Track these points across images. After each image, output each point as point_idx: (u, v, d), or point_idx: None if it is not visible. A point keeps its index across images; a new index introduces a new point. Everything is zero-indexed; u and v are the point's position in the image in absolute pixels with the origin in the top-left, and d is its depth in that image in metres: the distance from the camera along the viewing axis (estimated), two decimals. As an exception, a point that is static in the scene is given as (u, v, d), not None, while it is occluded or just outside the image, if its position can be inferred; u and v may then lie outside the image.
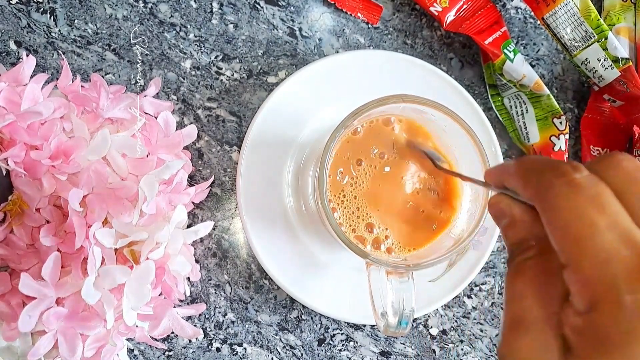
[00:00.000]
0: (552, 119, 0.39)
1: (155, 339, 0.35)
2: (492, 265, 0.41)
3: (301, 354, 0.39)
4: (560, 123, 0.39)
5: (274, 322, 0.39)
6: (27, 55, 0.34)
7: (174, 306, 0.34)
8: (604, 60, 0.37)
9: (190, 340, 0.38)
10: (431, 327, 0.40)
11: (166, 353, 0.38)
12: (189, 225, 0.38)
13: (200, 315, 0.38)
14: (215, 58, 0.39)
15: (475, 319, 0.40)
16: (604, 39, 0.37)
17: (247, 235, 0.36)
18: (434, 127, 0.32)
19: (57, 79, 0.34)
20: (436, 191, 0.32)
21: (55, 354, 0.30)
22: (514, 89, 0.40)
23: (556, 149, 0.39)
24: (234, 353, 0.38)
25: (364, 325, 0.39)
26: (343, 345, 0.39)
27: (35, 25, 0.38)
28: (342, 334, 0.39)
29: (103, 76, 0.38)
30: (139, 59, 0.39)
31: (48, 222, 0.32)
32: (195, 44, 0.39)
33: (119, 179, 0.32)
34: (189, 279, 0.37)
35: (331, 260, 0.37)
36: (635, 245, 0.15)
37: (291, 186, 0.38)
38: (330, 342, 0.39)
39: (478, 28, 0.40)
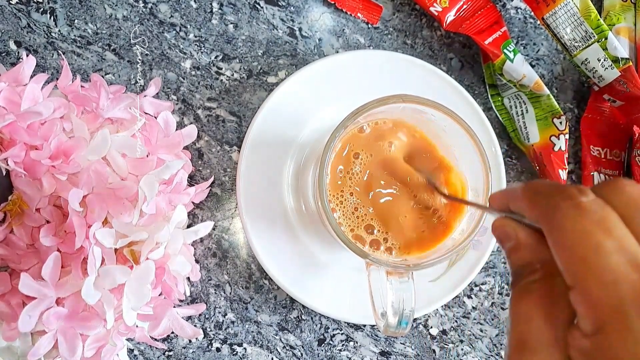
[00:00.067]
0: (552, 119, 0.39)
1: (155, 339, 0.35)
2: (492, 265, 0.41)
3: (301, 354, 0.39)
4: (560, 123, 0.39)
5: (274, 322, 0.39)
6: (27, 55, 0.34)
7: (174, 306, 0.34)
8: (604, 60, 0.37)
9: (190, 340, 0.38)
10: (431, 327, 0.40)
11: (166, 353, 0.38)
12: (189, 225, 0.38)
13: (200, 315, 0.38)
14: (215, 58, 0.39)
15: (475, 319, 0.40)
16: (604, 39, 0.37)
17: (247, 235, 0.36)
18: (434, 127, 0.32)
19: (57, 79, 0.34)
20: (432, 209, 0.32)
21: (55, 354, 0.30)
22: (514, 89, 0.40)
23: (556, 149, 0.39)
24: (234, 353, 0.38)
25: (364, 325, 0.39)
26: (343, 345, 0.39)
27: (35, 25, 0.38)
28: (342, 334, 0.39)
29: (103, 76, 0.38)
30: (139, 59, 0.39)
31: (48, 222, 0.32)
32: (195, 44, 0.39)
33: (119, 179, 0.32)
34: (189, 279, 0.37)
35: (331, 260, 0.37)
36: None
37: (291, 186, 0.38)
38: (330, 342, 0.39)
39: (478, 28, 0.40)
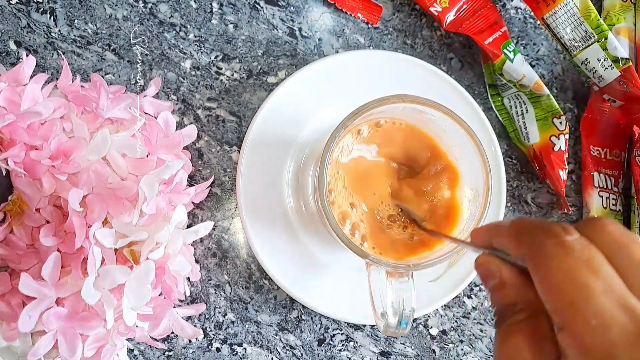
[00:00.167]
0: (552, 119, 0.39)
1: (155, 339, 0.35)
2: (492, 265, 0.41)
3: (301, 354, 0.39)
4: (560, 123, 0.39)
5: (274, 322, 0.39)
6: (27, 55, 0.34)
7: (174, 306, 0.34)
8: (604, 60, 0.37)
9: (190, 341, 0.38)
10: (431, 327, 0.40)
11: (166, 353, 0.38)
12: (189, 225, 0.38)
13: (200, 315, 0.38)
14: (215, 58, 0.39)
15: (475, 319, 0.40)
16: (604, 39, 0.37)
17: (247, 235, 0.36)
18: (434, 127, 0.32)
19: (57, 79, 0.34)
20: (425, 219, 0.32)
21: (55, 354, 0.30)
22: (514, 89, 0.40)
23: (556, 149, 0.39)
24: (234, 353, 0.38)
25: (364, 325, 0.39)
26: (343, 345, 0.39)
27: (35, 25, 0.38)
28: (342, 334, 0.39)
29: (103, 76, 0.38)
30: (139, 59, 0.39)
31: (48, 222, 0.32)
32: (195, 44, 0.39)
33: (119, 179, 0.32)
34: (189, 279, 0.37)
35: (331, 260, 0.37)
36: (632, 311, 0.15)
37: (291, 186, 0.38)
38: (330, 342, 0.39)
39: (478, 28, 0.40)
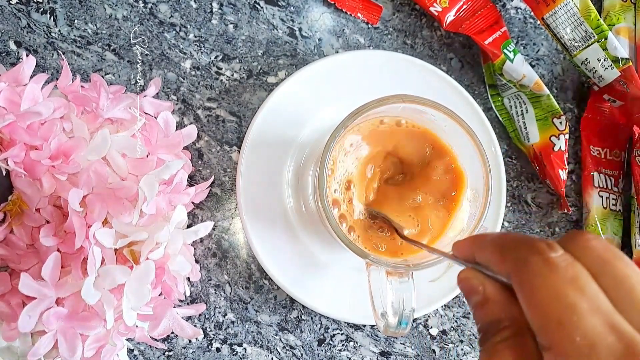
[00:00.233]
0: (552, 119, 0.39)
1: (155, 339, 0.35)
2: (492, 265, 0.41)
3: (301, 354, 0.39)
4: (560, 123, 0.39)
5: (274, 322, 0.39)
6: (27, 55, 0.34)
7: (174, 306, 0.34)
8: (604, 60, 0.37)
9: (190, 341, 0.38)
10: (431, 327, 0.40)
11: (166, 353, 0.38)
12: (189, 225, 0.38)
13: (200, 315, 0.38)
14: (215, 58, 0.39)
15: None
16: (604, 39, 0.37)
17: (247, 235, 0.36)
18: (434, 127, 0.32)
19: (57, 79, 0.34)
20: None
21: (55, 354, 0.30)
22: (514, 89, 0.40)
23: (556, 149, 0.39)
24: (234, 353, 0.38)
25: (364, 325, 0.39)
26: (343, 345, 0.39)
27: (35, 25, 0.38)
28: (342, 334, 0.39)
29: (103, 76, 0.38)
30: (139, 59, 0.39)
31: (48, 222, 0.32)
32: (195, 44, 0.39)
33: (119, 179, 0.32)
34: (189, 279, 0.37)
35: (331, 260, 0.37)
36: (619, 331, 0.15)
37: (291, 186, 0.38)
38: (330, 342, 0.39)
39: (478, 28, 0.40)
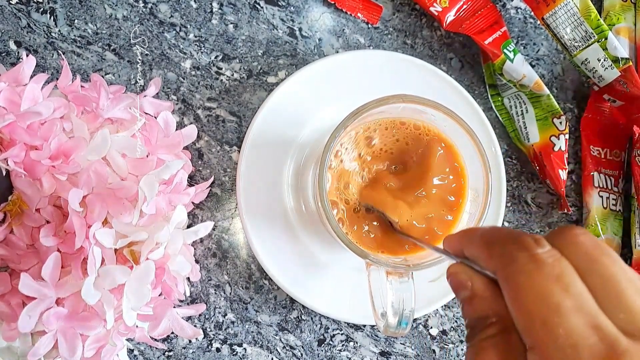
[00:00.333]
0: (552, 119, 0.39)
1: (155, 339, 0.35)
2: (492, 265, 0.41)
3: (301, 354, 0.39)
4: (560, 123, 0.39)
5: (274, 323, 0.39)
6: (27, 55, 0.34)
7: (174, 306, 0.34)
8: (604, 60, 0.37)
9: (190, 341, 0.38)
10: (431, 327, 0.40)
11: (166, 353, 0.38)
12: (189, 226, 0.38)
13: (200, 315, 0.38)
14: (215, 58, 0.39)
15: (475, 319, 0.40)
16: (604, 39, 0.37)
17: (247, 235, 0.36)
18: (434, 127, 0.32)
19: (57, 79, 0.34)
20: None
21: (55, 354, 0.30)
22: (514, 89, 0.40)
23: (556, 149, 0.39)
24: (234, 353, 0.38)
25: (364, 325, 0.39)
26: (343, 345, 0.39)
27: (35, 25, 0.38)
28: (342, 334, 0.39)
29: (103, 76, 0.38)
30: (139, 59, 0.39)
31: (48, 222, 0.32)
32: (195, 44, 0.39)
33: (119, 179, 0.32)
34: (189, 279, 0.37)
35: (331, 260, 0.37)
36: (602, 331, 0.15)
37: (291, 186, 0.38)
38: (330, 342, 0.39)
39: (478, 28, 0.40)
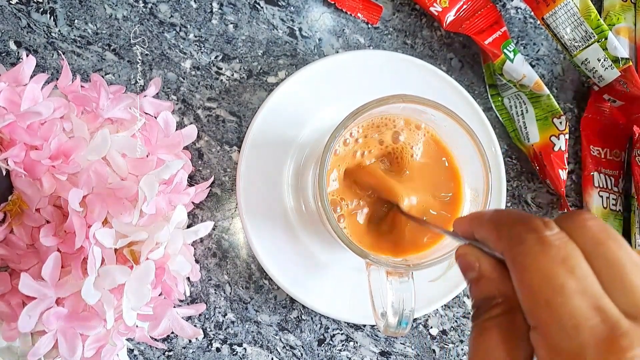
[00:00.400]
0: (552, 119, 0.39)
1: (155, 339, 0.35)
2: (492, 265, 0.41)
3: (301, 354, 0.39)
4: (560, 123, 0.39)
5: (274, 322, 0.39)
6: (27, 55, 0.34)
7: (174, 306, 0.34)
8: (604, 60, 0.37)
9: (190, 341, 0.38)
10: (431, 327, 0.40)
11: (166, 353, 0.38)
12: (189, 225, 0.38)
13: (200, 315, 0.38)
14: (215, 58, 0.39)
15: (475, 319, 0.40)
16: (604, 39, 0.37)
17: (247, 235, 0.36)
18: (434, 127, 0.32)
19: (57, 79, 0.34)
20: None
21: (55, 354, 0.30)
22: (514, 89, 0.40)
23: (556, 149, 0.39)
24: (234, 353, 0.38)
25: (364, 325, 0.39)
26: (343, 345, 0.39)
27: (35, 25, 0.38)
28: (342, 334, 0.39)
29: (103, 76, 0.38)
30: (139, 59, 0.39)
31: (48, 222, 0.32)
32: (195, 44, 0.39)
33: (119, 179, 0.32)
34: (189, 279, 0.37)
35: (331, 260, 0.37)
36: (604, 313, 0.15)
37: (291, 186, 0.38)
38: (330, 342, 0.39)
39: (478, 28, 0.40)
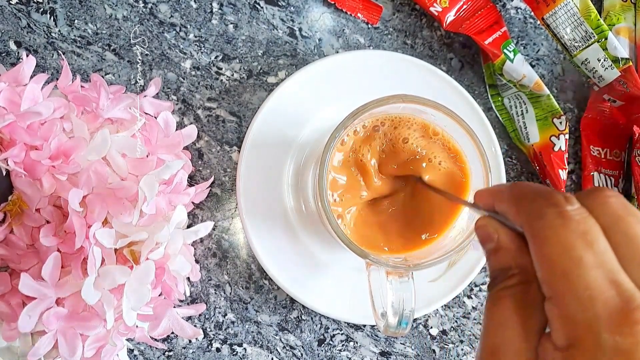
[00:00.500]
0: (552, 119, 0.39)
1: (155, 339, 0.35)
2: (492, 265, 0.41)
3: (301, 354, 0.39)
4: (560, 123, 0.39)
5: (274, 322, 0.39)
6: (27, 55, 0.34)
7: (174, 306, 0.34)
8: (604, 60, 0.37)
9: (190, 341, 0.38)
10: (431, 327, 0.40)
11: (166, 353, 0.38)
12: (189, 226, 0.38)
13: (200, 315, 0.38)
14: (215, 58, 0.39)
15: (475, 319, 0.40)
16: (604, 39, 0.37)
17: (247, 235, 0.36)
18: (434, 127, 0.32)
19: (57, 79, 0.34)
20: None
21: (55, 354, 0.30)
22: (514, 89, 0.40)
23: (556, 149, 0.39)
24: (234, 353, 0.38)
25: (364, 325, 0.39)
26: (343, 345, 0.39)
27: (35, 25, 0.38)
28: (342, 334, 0.39)
29: (103, 76, 0.38)
30: (139, 59, 0.39)
31: (48, 222, 0.32)
32: (195, 44, 0.39)
33: (119, 179, 0.32)
34: (189, 279, 0.37)
35: (331, 260, 0.37)
36: (620, 287, 0.15)
37: (291, 186, 0.38)
38: (330, 342, 0.39)
39: (478, 28, 0.40)
